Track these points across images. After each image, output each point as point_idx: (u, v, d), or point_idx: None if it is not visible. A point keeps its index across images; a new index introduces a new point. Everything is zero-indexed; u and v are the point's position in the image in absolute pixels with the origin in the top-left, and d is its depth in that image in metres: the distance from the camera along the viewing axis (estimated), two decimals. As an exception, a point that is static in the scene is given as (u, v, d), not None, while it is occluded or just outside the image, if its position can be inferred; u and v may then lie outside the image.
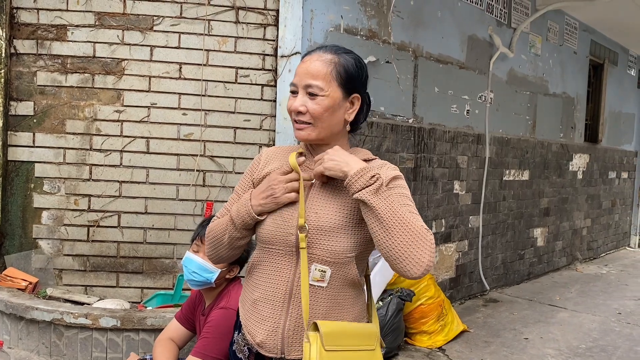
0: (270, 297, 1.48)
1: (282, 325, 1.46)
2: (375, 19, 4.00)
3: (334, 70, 1.46)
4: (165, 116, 3.58)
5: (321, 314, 1.44)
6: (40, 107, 3.56)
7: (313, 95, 1.45)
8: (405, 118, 4.34)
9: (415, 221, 1.35)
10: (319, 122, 1.47)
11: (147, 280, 3.62)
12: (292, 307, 1.45)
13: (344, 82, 1.47)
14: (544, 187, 6.35)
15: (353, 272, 1.48)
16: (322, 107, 1.45)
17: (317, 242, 1.44)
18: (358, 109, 1.53)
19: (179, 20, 3.56)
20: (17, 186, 3.59)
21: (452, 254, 4.98)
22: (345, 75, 1.47)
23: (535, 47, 5.94)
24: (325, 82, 1.45)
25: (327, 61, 1.46)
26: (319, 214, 1.46)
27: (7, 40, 3.50)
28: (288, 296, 1.46)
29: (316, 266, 1.43)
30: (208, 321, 2.11)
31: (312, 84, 1.45)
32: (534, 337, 4.30)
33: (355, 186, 1.36)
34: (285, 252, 1.47)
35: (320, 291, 1.44)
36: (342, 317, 1.48)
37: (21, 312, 3.22)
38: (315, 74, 1.45)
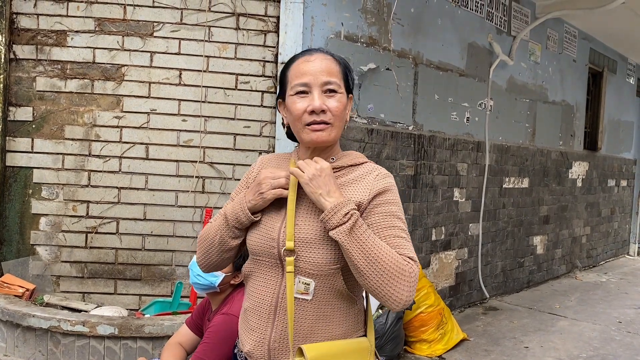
0: (257, 308, 1.47)
1: (268, 337, 1.44)
2: (376, 26, 4.00)
3: (341, 69, 1.47)
4: (165, 122, 3.57)
5: (307, 327, 1.41)
6: (39, 113, 3.55)
7: (332, 92, 1.43)
8: (405, 125, 4.33)
9: (391, 259, 1.31)
10: (337, 120, 1.44)
11: (146, 287, 3.59)
12: (277, 319, 1.43)
13: (348, 82, 1.49)
14: (543, 195, 6.35)
15: (340, 284, 1.41)
16: (343, 104, 1.45)
17: (300, 254, 1.40)
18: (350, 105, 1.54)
19: (179, 26, 3.55)
20: (15, 192, 3.57)
21: (451, 262, 4.96)
22: (348, 74, 1.50)
23: (535, 55, 5.95)
24: (339, 79, 1.45)
25: (334, 60, 1.47)
26: (301, 226, 1.42)
27: (6, 45, 3.49)
28: (274, 308, 1.44)
29: (300, 279, 1.40)
30: (209, 327, 2.10)
31: (331, 81, 1.43)
32: (534, 346, 4.27)
33: (329, 224, 1.33)
34: (271, 264, 1.45)
35: (305, 304, 1.41)
36: (331, 330, 1.43)
37: (18, 319, 3.19)
38: (330, 71, 1.44)
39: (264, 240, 1.46)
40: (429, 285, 4.07)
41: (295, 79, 1.44)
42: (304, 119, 1.42)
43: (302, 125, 1.43)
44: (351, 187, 1.45)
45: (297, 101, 1.43)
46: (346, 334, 1.45)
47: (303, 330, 1.41)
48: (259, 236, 1.47)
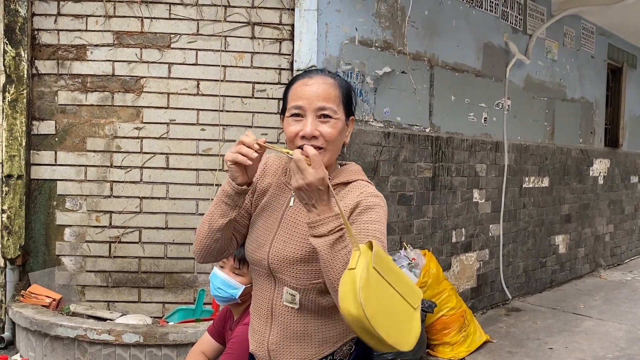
0: (257, 312, 1.57)
1: (266, 339, 1.53)
2: (390, 30, 4.00)
3: (340, 94, 1.47)
4: (184, 132, 3.62)
5: (300, 331, 1.49)
6: (62, 126, 3.62)
7: (326, 118, 1.43)
8: (422, 127, 4.33)
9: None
10: (331, 145, 1.45)
11: (169, 295, 3.64)
12: (274, 323, 1.52)
13: (347, 105, 1.49)
14: (564, 194, 6.28)
15: (324, 297, 1.46)
16: (337, 130, 1.44)
17: (284, 269, 1.47)
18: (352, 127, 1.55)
19: (196, 37, 3.60)
20: (40, 204, 3.65)
21: (472, 264, 4.93)
22: (348, 97, 1.50)
23: (552, 53, 5.89)
24: (336, 104, 1.45)
25: (333, 84, 1.47)
26: (287, 243, 1.48)
27: (29, 61, 3.57)
28: (270, 313, 1.52)
29: (287, 290, 1.48)
30: (232, 337, 2.12)
31: (326, 107, 1.43)
32: (558, 347, 4.23)
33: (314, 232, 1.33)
34: (263, 273, 1.53)
35: (295, 312, 1.49)
36: (325, 332, 1.49)
37: (46, 328, 3.26)
38: (326, 96, 1.44)
39: (255, 250, 1.54)
40: (450, 288, 4.05)
41: (292, 100, 1.46)
42: (295, 142, 1.44)
43: (295, 147, 1.43)
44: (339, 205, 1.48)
45: (292, 124, 1.45)
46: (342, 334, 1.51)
47: (297, 334, 1.49)
48: (251, 246, 1.56)
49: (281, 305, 1.50)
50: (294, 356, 1.50)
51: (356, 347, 1.53)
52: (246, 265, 2.12)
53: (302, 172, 1.31)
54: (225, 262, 2.14)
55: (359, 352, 1.53)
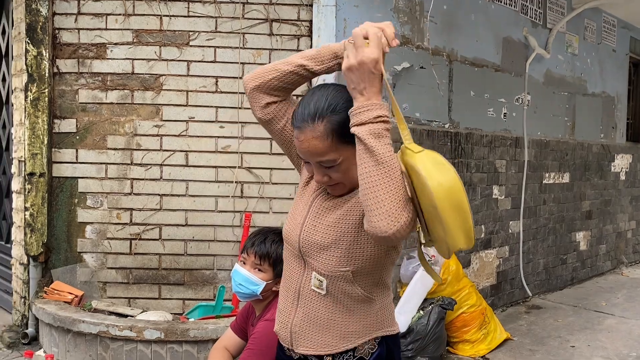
0: (284, 293, 1.57)
1: (291, 320, 1.53)
2: (409, 25, 3.97)
3: (335, 138, 1.37)
4: (203, 129, 3.63)
5: (324, 319, 1.48)
6: (82, 124, 3.66)
7: (329, 167, 1.40)
8: (441, 123, 4.29)
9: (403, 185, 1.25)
10: (347, 181, 1.43)
11: (189, 292, 3.66)
12: (300, 305, 1.51)
13: (348, 138, 1.35)
14: (585, 190, 6.19)
15: (351, 286, 1.44)
16: (344, 172, 1.41)
17: (312, 254, 1.47)
18: None
19: (214, 34, 3.61)
20: (61, 201, 3.69)
21: (492, 261, 4.89)
22: (346, 131, 1.34)
23: (572, 47, 5.80)
24: (333, 152, 1.38)
25: (323, 134, 1.36)
26: (317, 227, 1.47)
27: (50, 60, 3.61)
28: (297, 295, 1.52)
29: (315, 275, 1.47)
30: (253, 333, 2.12)
31: (322, 161, 1.39)
32: (580, 345, 4.17)
33: (357, 119, 1.26)
34: (294, 254, 1.53)
35: (321, 298, 1.48)
36: (348, 326, 1.48)
37: (69, 324, 3.30)
38: (319, 152, 1.37)
39: (290, 230, 1.54)
40: (470, 285, 4.02)
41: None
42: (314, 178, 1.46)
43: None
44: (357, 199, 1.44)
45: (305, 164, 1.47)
46: (365, 330, 1.49)
47: (320, 321, 1.48)
48: (288, 225, 1.57)
49: (308, 289, 1.49)
50: (314, 343, 1.49)
51: (379, 347, 1.50)
52: (267, 261, 2.12)
53: (356, 49, 1.24)
54: (246, 259, 2.15)
55: (381, 352, 1.50)
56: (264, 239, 2.12)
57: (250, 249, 2.12)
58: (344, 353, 1.48)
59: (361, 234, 1.41)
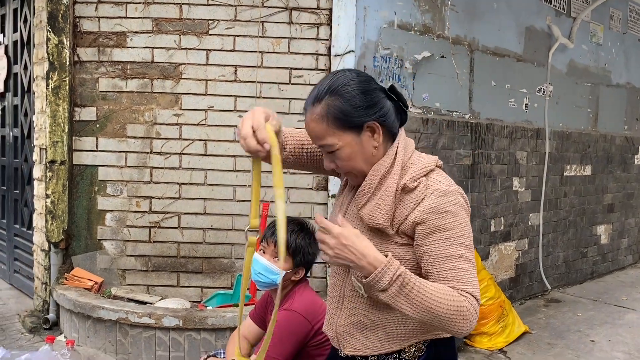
0: (331, 293, 1.57)
1: (335, 322, 1.52)
2: (430, 14, 3.92)
3: (330, 121, 1.34)
4: (221, 119, 3.63)
5: (367, 320, 1.46)
6: (103, 113, 3.68)
7: (331, 152, 1.40)
8: (462, 114, 4.24)
9: (446, 306, 1.26)
10: (353, 170, 1.41)
11: (207, 280, 3.68)
12: (344, 307, 1.50)
13: (346, 124, 1.35)
14: (607, 183, 6.08)
15: None
16: (345, 158, 1.38)
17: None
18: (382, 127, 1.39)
19: (234, 23, 3.59)
20: (82, 189, 3.72)
21: (511, 253, 4.84)
22: (343, 117, 1.34)
23: (597, 37, 5.68)
24: (330, 136, 1.36)
25: (319, 117, 1.35)
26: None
27: (70, 48, 3.63)
28: (341, 297, 1.51)
29: (354, 278, 1.44)
30: (271, 322, 2.12)
31: (323, 144, 1.39)
32: (600, 339, 4.12)
33: (371, 291, 1.30)
34: None
35: (362, 300, 1.46)
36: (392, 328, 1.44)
37: (88, 311, 3.34)
38: (317, 135, 1.38)
39: None
40: (488, 278, 3.98)
41: None
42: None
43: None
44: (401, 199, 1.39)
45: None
46: (411, 333, 1.44)
47: (363, 322, 1.46)
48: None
49: (350, 291, 1.48)
50: (358, 344, 1.48)
51: (427, 350, 1.46)
52: (286, 251, 2.11)
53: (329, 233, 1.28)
54: (266, 248, 2.14)
55: (429, 356, 1.46)
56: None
57: (270, 238, 2.12)
58: (388, 355, 1.46)
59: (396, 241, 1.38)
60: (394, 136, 1.46)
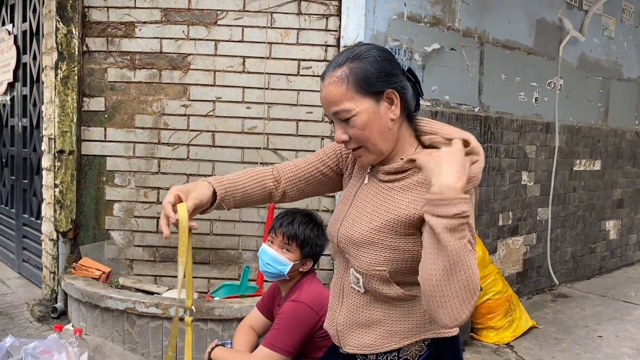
0: (333, 289, 1.56)
1: (336, 318, 1.51)
2: (440, 5, 3.88)
3: (350, 84, 1.31)
4: (229, 110, 3.62)
5: (365, 318, 1.43)
6: (111, 103, 3.68)
7: (346, 120, 1.34)
8: (471, 107, 4.21)
9: (475, 275, 1.15)
10: (368, 142, 1.35)
11: (214, 271, 3.69)
12: (343, 304, 1.49)
13: (367, 88, 1.32)
14: (617, 178, 6.03)
15: (389, 286, 1.36)
16: (361, 127, 1.32)
17: (349, 249, 1.42)
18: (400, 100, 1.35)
19: (242, 13, 3.57)
20: (90, 179, 3.73)
21: (519, 248, 4.81)
22: (365, 79, 1.31)
23: (609, 30, 5.62)
24: (348, 100, 1.32)
25: (339, 79, 1.32)
26: (355, 223, 1.41)
27: (79, 38, 3.63)
28: (341, 293, 1.50)
29: (353, 271, 1.42)
30: (279, 313, 2.13)
31: (337, 110, 1.34)
32: (608, 335, 4.09)
33: (436, 210, 1.14)
34: (338, 251, 1.50)
35: (360, 296, 1.44)
36: (391, 325, 1.41)
37: (96, 300, 3.36)
38: (334, 99, 1.33)
39: (331, 225, 1.53)
40: (496, 272, 3.96)
41: None
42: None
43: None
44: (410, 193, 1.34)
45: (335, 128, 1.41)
46: (411, 331, 1.41)
47: (361, 320, 1.44)
48: (330, 221, 1.55)
49: (349, 287, 1.46)
50: (358, 341, 1.45)
51: (428, 349, 1.42)
52: (295, 242, 2.11)
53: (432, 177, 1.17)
54: (274, 238, 2.14)
55: (430, 355, 1.42)
56: (292, 220, 2.12)
57: (278, 229, 2.11)
58: (387, 353, 1.42)
59: (399, 232, 1.33)
60: (410, 118, 1.43)
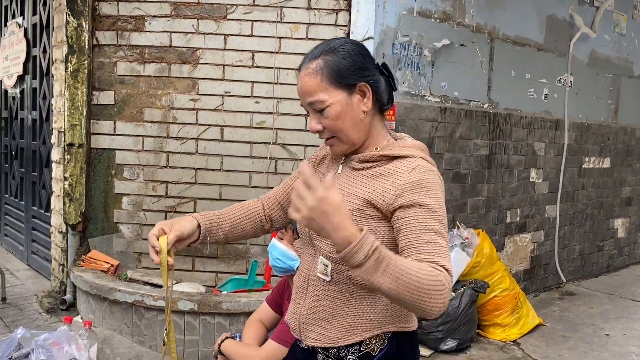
0: (297, 281, 1.55)
1: (300, 310, 1.49)
2: (450, 1, 3.86)
3: (324, 76, 1.36)
4: (238, 104, 3.62)
5: (328, 308, 1.42)
6: (120, 97, 3.69)
7: (320, 111, 1.38)
8: (480, 103, 4.19)
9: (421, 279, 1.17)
10: (340, 132, 1.39)
11: (222, 265, 3.70)
12: (307, 295, 1.47)
13: (340, 80, 1.36)
14: (626, 176, 6.00)
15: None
16: (333, 118, 1.37)
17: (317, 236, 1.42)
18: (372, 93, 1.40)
19: (252, 8, 3.57)
20: (99, 173, 3.75)
21: (526, 245, 4.80)
22: (339, 72, 1.36)
23: (620, 26, 5.57)
24: (322, 92, 1.36)
25: (314, 71, 1.37)
26: None
27: (89, 32, 3.64)
28: (306, 284, 1.49)
29: (321, 259, 1.42)
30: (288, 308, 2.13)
31: (312, 101, 1.38)
32: (615, 334, 4.08)
33: (349, 264, 1.16)
34: (307, 241, 1.50)
35: (326, 285, 1.43)
36: (354, 317, 1.41)
37: (105, 293, 3.38)
38: (309, 90, 1.37)
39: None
40: (503, 269, 3.96)
41: None
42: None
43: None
44: (379, 179, 1.37)
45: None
46: (372, 324, 1.41)
47: (325, 311, 1.42)
48: None
49: (315, 277, 1.45)
50: (319, 334, 1.44)
51: (389, 343, 1.42)
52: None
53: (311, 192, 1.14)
54: (284, 234, 2.15)
55: (390, 349, 1.42)
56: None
57: (288, 225, 2.12)
58: (349, 346, 1.42)
59: (369, 215, 1.35)
60: (382, 111, 1.48)
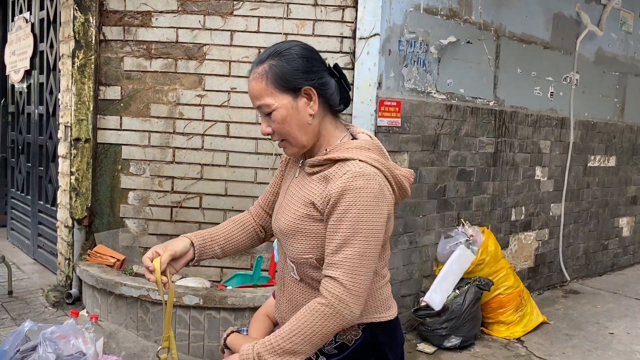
0: (277, 281, 1.63)
1: (279, 306, 1.59)
2: (457, -2, 3.86)
3: (269, 80, 1.39)
4: (244, 101, 3.63)
5: (300, 304, 1.46)
6: (127, 92, 3.70)
7: (268, 114, 1.42)
8: (486, 101, 4.19)
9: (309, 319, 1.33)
10: (288, 135, 1.43)
11: (227, 260, 3.72)
12: (284, 293, 1.56)
13: (284, 85, 1.39)
14: (632, 174, 5.98)
15: (318, 272, 1.42)
16: (280, 121, 1.40)
17: (282, 239, 1.51)
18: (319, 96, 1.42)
19: (258, 4, 3.57)
20: (105, 167, 3.77)
21: (531, 243, 4.80)
22: (282, 77, 1.38)
23: (627, 24, 5.55)
24: (268, 96, 1.39)
25: (260, 75, 1.40)
26: (284, 214, 1.49)
27: (96, 27, 3.65)
28: (283, 282, 1.57)
29: (288, 261, 1.50)
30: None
31: (259, 105, 1.42)
32: (620, 332, 4.08)
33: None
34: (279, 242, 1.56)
35: (297, 284, 1.50)
36: None
37: (111, 287, 3.40)
38: (256, 94, 1.41)
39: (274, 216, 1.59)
40: (508, 267, 3.96)
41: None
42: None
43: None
44: (324, 183, 1.41)
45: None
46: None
47: (298, 306, 1.46)
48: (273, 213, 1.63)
49: (289, 276, 1.52)
50: None
51: (363, 334, 1.48)
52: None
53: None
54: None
55: (365, 339, 1.47)
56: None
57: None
58: None
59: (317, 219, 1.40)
60: (335, 113, 1.50)
